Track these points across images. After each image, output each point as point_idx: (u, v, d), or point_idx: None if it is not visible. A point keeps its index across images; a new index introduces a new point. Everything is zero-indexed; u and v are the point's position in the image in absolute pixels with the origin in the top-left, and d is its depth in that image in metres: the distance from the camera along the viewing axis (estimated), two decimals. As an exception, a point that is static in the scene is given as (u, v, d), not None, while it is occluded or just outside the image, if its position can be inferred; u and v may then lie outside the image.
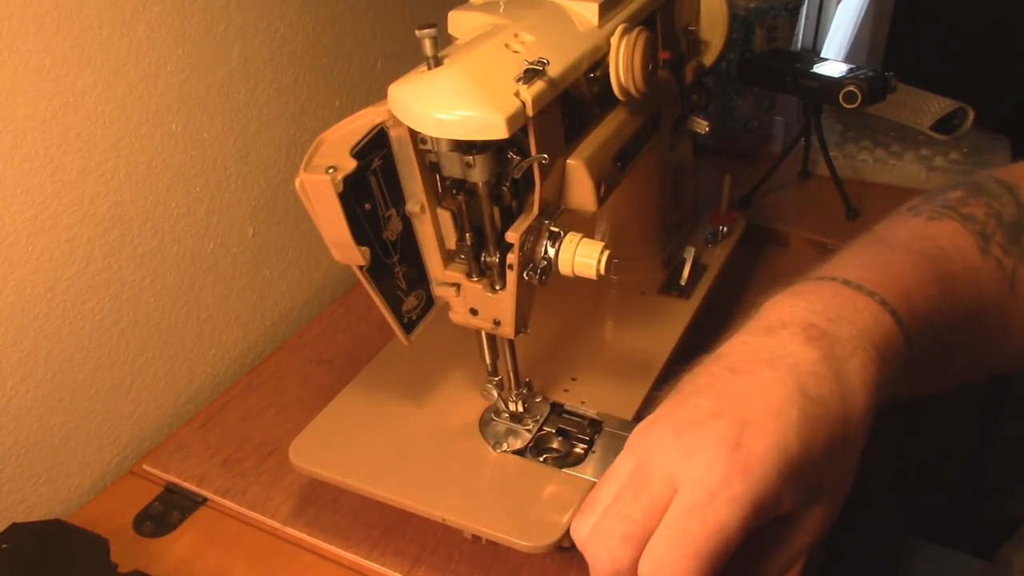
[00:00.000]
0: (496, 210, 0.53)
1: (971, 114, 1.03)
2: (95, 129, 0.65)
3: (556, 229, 0.54)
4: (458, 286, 0.57)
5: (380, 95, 0.49)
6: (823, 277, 0.44)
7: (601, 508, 0.38)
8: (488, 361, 0.62)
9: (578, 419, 0.64)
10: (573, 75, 0.53)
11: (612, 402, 0.65)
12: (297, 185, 0.49)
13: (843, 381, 0.39)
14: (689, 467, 0.37)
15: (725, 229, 0.85)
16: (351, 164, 0.49)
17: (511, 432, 0.64)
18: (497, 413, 0.65)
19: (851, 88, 0.87)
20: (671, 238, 0.82)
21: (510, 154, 0.51)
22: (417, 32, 0.47)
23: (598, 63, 0.56)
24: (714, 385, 0.40)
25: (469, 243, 0.54)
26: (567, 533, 0.56)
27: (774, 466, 0.36)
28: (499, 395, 0.64)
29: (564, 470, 0.60)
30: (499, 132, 0.46)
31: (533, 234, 0.53)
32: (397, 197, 0.53)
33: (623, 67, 0.55)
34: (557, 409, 0.66)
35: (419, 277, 0.57)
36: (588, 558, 0.38)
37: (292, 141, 0.84)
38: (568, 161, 0.55)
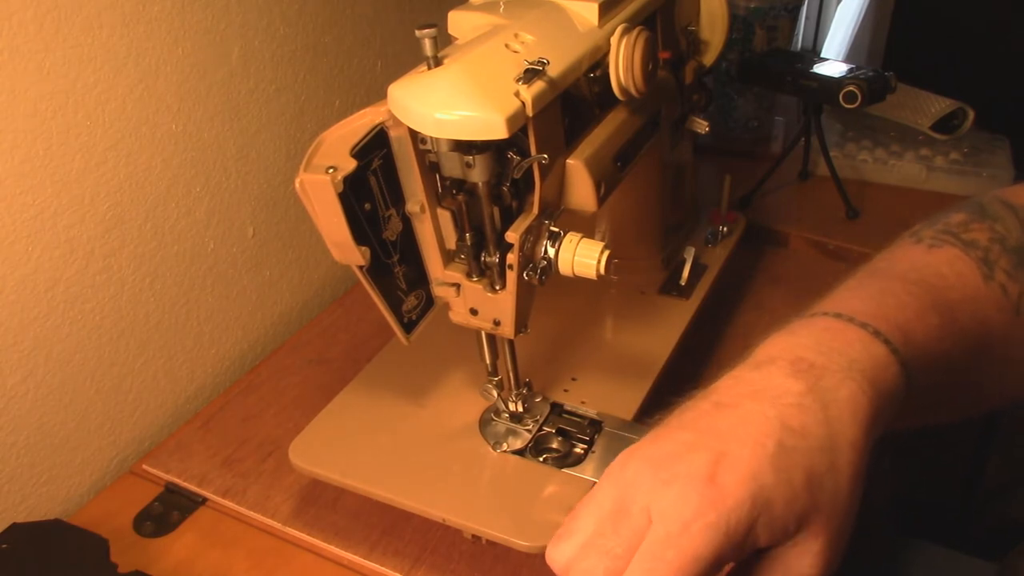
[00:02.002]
0: (496, 210, 0.53)
1: (971, 114, 1.03)
2: (95, 129, 0.65)
3: (556, 229, 0.54)
4: (458, 286, 0.57)
5: (380, 95, 0.49)
6: (815, 313, 0.44)
7: (580, 536, 0.38)
8: (488, 361, 0.62)
9: (578, 419, 0.64)
10: (573, 75, 0.53)
11: (612, 402, 0.65)
12: (297, 185, 0.49)
13: (829, 411, 0.38)
14: (665, 499, 0.37)
15: (725, 229, 0.85)
16: (351, 164, 0.48)
17: (511, 432, 0.64)
18: (497, 413, 0.65)
19: (851, 88, 0.87)
20: (671, 238, 0.82)
21: (510, 154, 0.51)
22: (417, 32, 0.47)
23: (598, 63, 0.56)
24: (698, 420, 0.40)
25: (469, 243, 0.54)
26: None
27: (747, 495, 0.36)
28: (499, 395, 0.63)
29: (564, 470, 0.60)
30: (499, 132, 0.46)
31: (533, 234, 0.53)
32: (397, 197, 0.53)
33: (623, 67, 0.55)
34: (557, 409, 0.66)
35: (419, 277, 0.57)
36: None
37: (292, 141, 0.84)
38: (568, 161, 0.55)
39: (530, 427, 0.64)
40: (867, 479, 0.40)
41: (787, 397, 0.39)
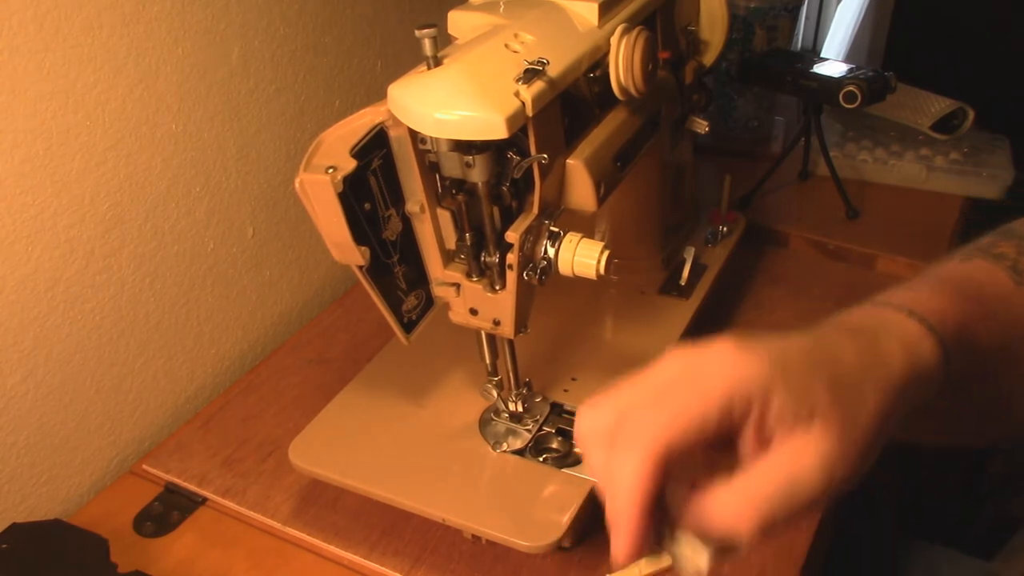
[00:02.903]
0: (496, 210, 0.53)
1: (971, 114, 1.03)
2: (95, 129, 0.65)
3: (556, 229, 0.54)
4: (458, 286, 0.57)
5: (380, 95, 0.49)
6: (854, 307, 0.45)
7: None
8: (488, 361, 0.62)
9: (578, 419, 0.64)
10: (573, 75, 0.53)
11: (612, 402, 0.65)
12: (297, 185, 0.49)
13: (867, 351, 0.39)
14: (696, 352, 0.39)
15: (725, 229, 0.85)
16: (351, 164, 0.49)
17: (511, 432, 0.64)
18: (497, 413, 0.65)
19: (851, 88, 0.87)
20: (671, 238, 0.82)
21: (510, 154, 0.51)
22: (417, 32, 0.47)
23: (598, 63, 0.56)
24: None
25: (469, 243, 0.54)
26: (567, 533, 0.56)
27: (768, 356, 0.37)
28: (499, 395, 0.64)
29: (564, 470, 0.60)
30: (499, 132, 0.46)
31: (533, 234, 0.53)
32: (397, 197, 0.53)
33: (623, 67, 0.55)
34: (557, 409, 0.66)
35: (419, 277, 0.57)
36: None
37: (292, 141, 0.84)
38: (568, 161, 0.55)
39: (530, 427, 0.64)
40: (868, 478, 0.40)
41: (831, 334, 0.41)
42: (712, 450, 0.38)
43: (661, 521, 0.38)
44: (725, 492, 0.36)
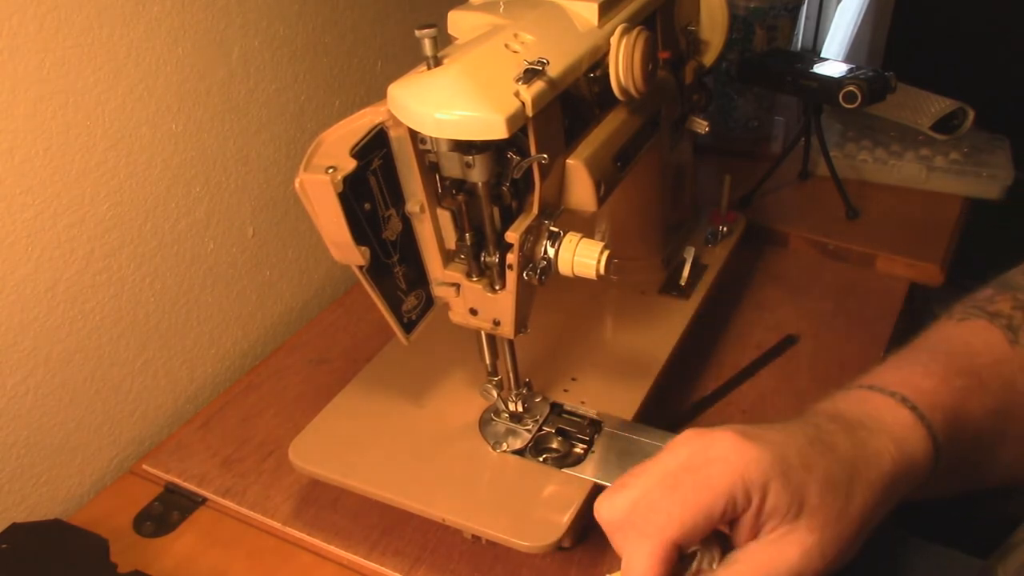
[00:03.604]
0: (496, 210, 0.53)
1: (971, 114, 1.03)
2: (95, 129, 0.65)
3: (556, 229, 0.54)
4: (458, 286, 0.57)
5: (380, 95, 0.49)
6: (852, 387, 0.48)
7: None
8: (488, 361, 0.62)
9: (578, 419, 0.64)
10: (573, 75, 0.53)
11: (612, 402, 0.65)
12: (297, 185, 0.49)
13: (858, 450, 0.42)
14: (699, 442, 0.42)
15: (725, 229, 0.85)
16: (351, 164, 0.48)
17: (511, 432, 0.64)
18: (497, 413, 0.65)
19: (851, 88, 0.87)
20: (671, 238, 0.82)
21: (510, 154, 0.51)
22: (417, 32, 0.47)
23: (598, 63, 0.56)
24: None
25: (469, 243, 0.54)
26: (567, 533, 0.57)
27: (769, 454, 0.40)
28: (499, 395, 0.63)
29: (564, 470, 0.60)
30: (499, 132, 0.46)
31: (533, 234, 0.53)
32: (397, 197, 0.53)
33: (623, 67, 0.55)
34: (557, 409, 0.66)
35: (419, 277, 0.57)
36: None
37: (292, 141, 0.84)
38: (568, 161, 0.55)
39: (530, 427, 0.64)
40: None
41: (825, 424, 0.44)
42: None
43: None
44: None
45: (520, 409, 0.65)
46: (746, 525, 0.41)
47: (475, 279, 0.56)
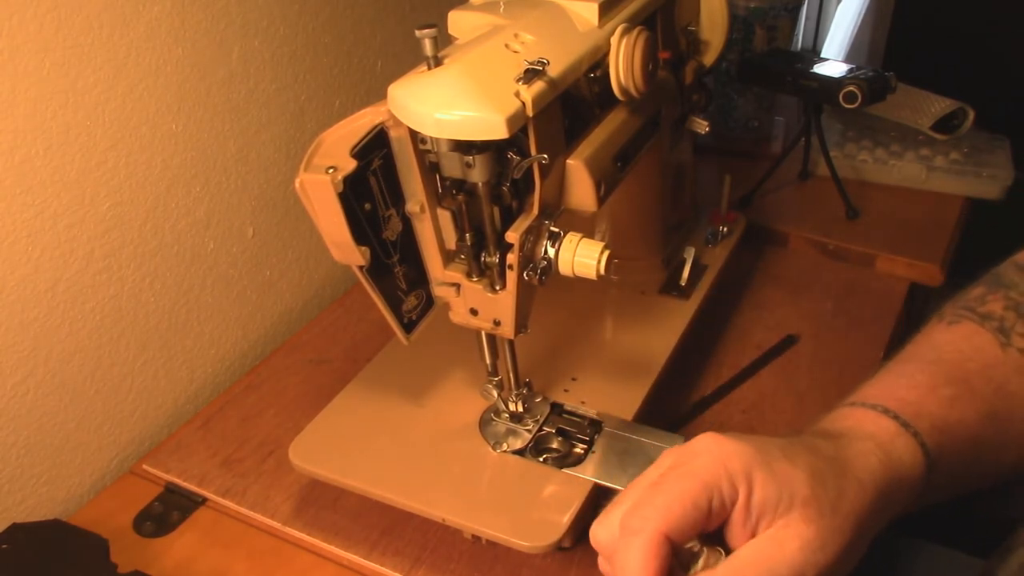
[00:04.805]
0: (496, 210, 0.53)
1: (971, 114, 1.03)
2: (95, 129, 0.65)
3: (556, 229, 0.54)
4: (458, 286, 0.57)
5: (380, 95, 0.49)
6: (836, 407, 0.48)
7: None
8: (488, 361, 0.62)
9: (578, 419, 0.64)
10: (573, 75, 0.53)
11: (612, 402, 0.65)
12: (297, 185, 0.49)
13: (841, 449, 0.42)
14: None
15: (725, 229, 0.85)
16: (351, 164, 0.48)
17: (511, 432, 0.64)
18: (497, 413, 0.65)
19: (851, 88, 0.87)
20: (671, 238, 0.82)
21: (510, 154, 0.51)
22: (417, 32, 0.47)
23: (598, 63, 0.56)
24: None
25: (469, 243, 0.54)
26: (567, 533, 0.57)
27: (748, 447, 0.40)
28: (499, 395, 0.64)
29: (564, 470, 0.60)
30: (499, 132, 0.46)
31: (533, 234, 0.53)
32: (397, 197, 0.53)
33: (623, 67, 0.55)
34: (557, 409, 0.66)
35: (419, 277, 0.57)
36: None
37: (292, 141, 0.84)
38: (568, 161, 0.55)
39: (530, 427, 0.64)
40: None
41: (807, 436, 0.44)
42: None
43: None
44: None
45: (520, 409, 0.65)
46: (738, 524, 0.40)
47: (475, 279, 0.56)
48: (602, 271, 0.53)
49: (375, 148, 0.50)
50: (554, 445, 0.63)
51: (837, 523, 0.40)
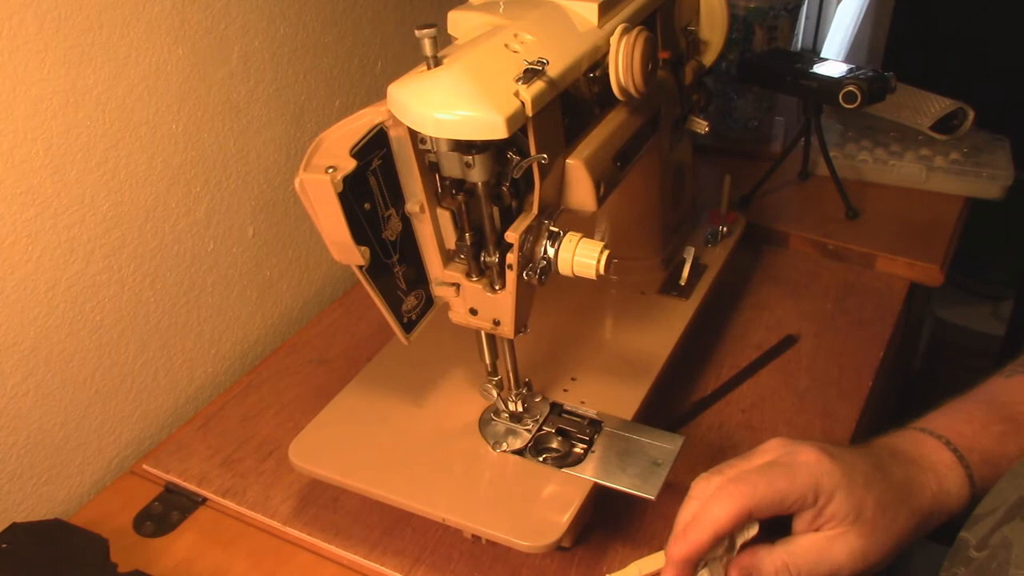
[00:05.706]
0: (496, 210, 0.53)
1: (971, 114, 1.03)
2: (95, 129, 0.65)
3: (556, 229, 0.54)
4: (458, 286, 0.57)
5: (380, 95, 0.49)
6: (909, 427, 0.57)
7: None
8: (488, 361, 0.62)
9: (578, 419, 0.64)
10: (573, 75, 0.53)
11: (612, 402, 0.65)
12: (297, 185, 0.49)
13: (909, 480, 0.52)
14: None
15: (725, 229, 0.85)
16: (351, 164, 0.49)
17: (511, 432, 0.64)
18: (497, 413, 0.65)
19: (851, 88, 0.87)
20: (671, 238, 0.82)
21: (510, 154, 0.51)
22: (417, 32, 0.47)
23: (598, 63, 0.56)
24: None
25: (469, 243, 0.54)
26: (567, 533, 0.57)
27: (845, 465, 0.50)
28: (499, 395, 0.64)
29: (564, 470, 0.60)
30: (499, 132, 0.46)
31: (533, 234, 0.53)
32: (397, 197, 0.53)
33: (623, 67, 0.55)
34: (557, 409, 0.66)
35: (419, 277, 0.57)
36: None
37: (292, 141, 0.84)
38: (568, 161, 0.55)
39: (530, 427, 0.64)
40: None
41: (886, 458, 0.53)
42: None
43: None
44: (773, 551, 0.51)
45: (520, 409, 0.65)
46: (805, 519, 0.50)
47: (475, 279, 0.56)
48: (602, 271, 0.53)
49: (375, 148, 0.50)
50: (554, 445, 0.63)
51: (884, 540, 0.50)
